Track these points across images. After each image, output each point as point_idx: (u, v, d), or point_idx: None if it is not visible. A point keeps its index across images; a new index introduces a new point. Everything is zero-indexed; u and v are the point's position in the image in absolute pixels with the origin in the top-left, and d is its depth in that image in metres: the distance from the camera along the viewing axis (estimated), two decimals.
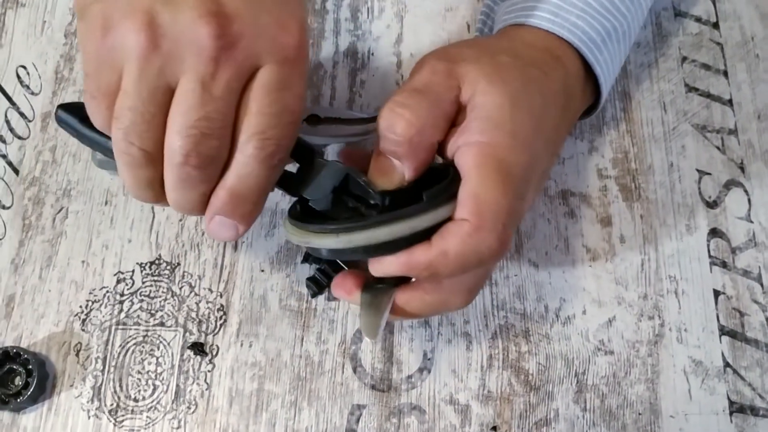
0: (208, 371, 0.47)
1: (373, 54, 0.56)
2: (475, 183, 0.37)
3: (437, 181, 0.39)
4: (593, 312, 0.48)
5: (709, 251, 0.50)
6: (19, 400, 0.45)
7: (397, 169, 0.39)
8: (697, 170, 0.52)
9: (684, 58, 0.56)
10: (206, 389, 0.46)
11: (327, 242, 0.37)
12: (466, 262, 0.37)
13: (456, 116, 0.40)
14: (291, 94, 0.35)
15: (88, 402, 0.46)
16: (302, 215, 0.40)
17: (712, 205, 0.51)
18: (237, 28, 0.33)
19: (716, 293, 0.49)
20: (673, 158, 0.52)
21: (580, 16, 0.45)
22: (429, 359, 0.47)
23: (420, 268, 0.37)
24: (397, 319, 0.45)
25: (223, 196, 0.35)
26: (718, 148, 0.53)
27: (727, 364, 0.47)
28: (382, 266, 0.38)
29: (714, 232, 0.50)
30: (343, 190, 0.40)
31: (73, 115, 0.38)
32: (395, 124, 0.38)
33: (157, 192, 0.36)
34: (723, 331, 0.48)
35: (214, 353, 0.47)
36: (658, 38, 0.56)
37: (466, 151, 0.38)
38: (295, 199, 0.41)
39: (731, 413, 0.46)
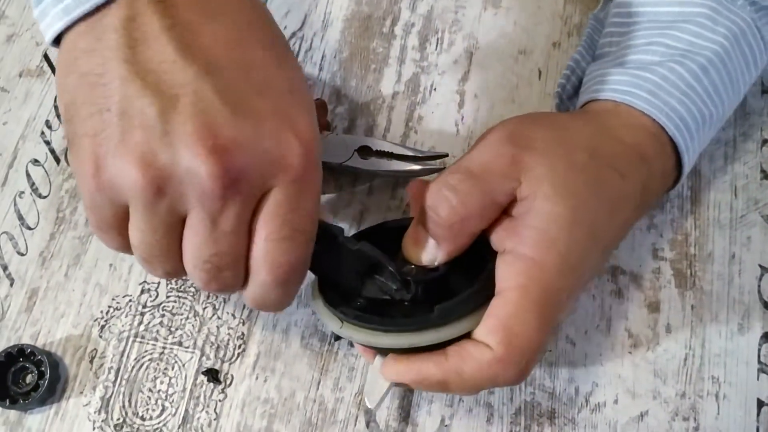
0: (219, 401, 0.46)
1: (435, 89, 0.54)
2: (512, 311, 0.35)
3: (473, 265, 0.37)
4: (626, 402, 0.46)
5: (759, 356, 0.47)
6: (28, 401, 0.44)
7: (431, 248, 0.37)
8: (760, 266, 0.49)
9: (765, 141, 0.52)
10: (214, 419, 0.45)
11: (331, 326, 0.38)
12: (479, 387, 0.37)
13: (509, 206, 0.37)
14: (301, 214, 0.33)
15: (95, 413, 0.45)
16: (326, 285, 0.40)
17: None
18: (239, 162, 0.30)
19: (760, 403, 0.46)
20: (736, 249, 0.49)
21: (680, 100, 0.41)
22: (446, 426, 0.45)
23: (430, 382, 0.37)
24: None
25: (248, 303, 0.35)
26: None
27: None
28: (392, 371, 0.38)
29: (767, 337, 0.47)
30: (372, 270, 0.38)
31: None
32: (440, 206, 0.37)
33: (179, 277, 0.36)
34: None
35: (228, 383, 0.46)
36: (740, 114, 0.53)
37: (511, 263, 0.36)
38: None
39: None
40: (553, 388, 0.46)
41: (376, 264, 0.37)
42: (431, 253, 0.37)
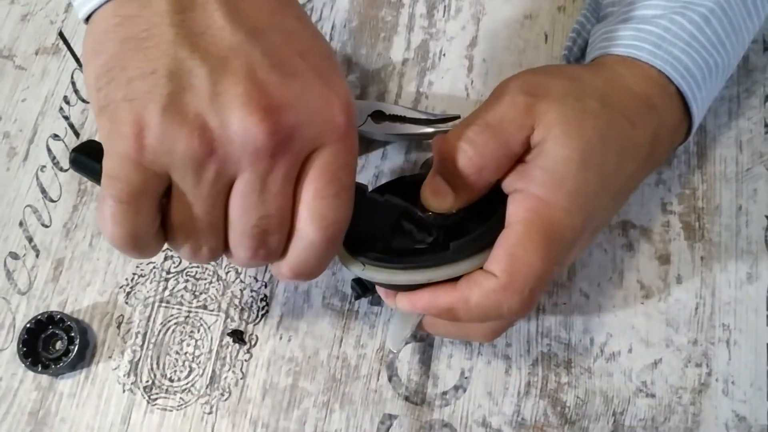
0: (245, 360, 0.47)
1: (444, 55, 0.55)
2: (516, 240, 0.36)
3: (489, 207, 0.39)
4: (639, 351, 0.47)
5: None
6: (59, 366, 0.46)
7: (449, 196, 0.38)
8: (767, 217, 0.50)
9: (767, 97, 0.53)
10: (241, 378, 0.46)
11: (354, 270, 0.39)
12: (485, 315, 0.37)
13: (523, 154, 0.39)
14: (347, 171, 0.34)
15: (124, 376, 0.47)
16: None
17: None
18: (290, 119, 0.31)
19: None
20: (743, 201, 0.50)
21: (684, 50, 0.42)
22: (466, 378, 0.47)
23: (440, 309, 0.38)
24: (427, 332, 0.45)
25: (287, 272, 0.35)
26: None
27: None
28: (405, 300, 0.40)
29: None
30: (397, 219, 0.39)
31: (92, 157, 0.35)
32: (458, 157, 0.38)
33: (217, 258, 0.36)
34: None
35: (253, 343, 0.47)
36: (743, 72, 0.54)
37: (520, 200, 0.37)
38: None
39: None
40: (568, 339, 0.47)
41: (403, 212, 0.39)
42: (449, 202, 0.38)
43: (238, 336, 0.47)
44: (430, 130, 0.50)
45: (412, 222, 0.40)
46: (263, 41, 0.32)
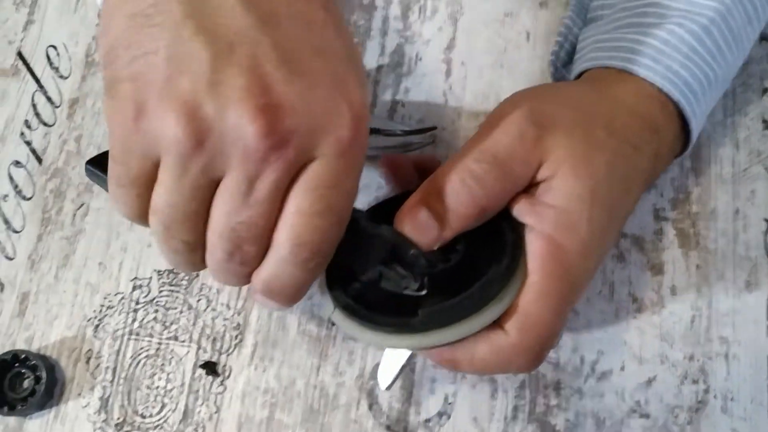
0: (219, 393, 0.45)
1: (421, 59, 0.52)
2: (531, 298, 0.35)
3: (491, 239, 0.36)
4: (633, 369, 0.45)
5: None
6: (25, 406, 0.44)
7: (435, 233, 0.35)
8: (766, 220, 0.47)
9: (766, 90, 0.50)
10: (215, 412, 0.45)
11: (326, 306, 0.37)
12: (489, 371, 0.36)
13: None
14: (339, 192, 0.30)
15: (95, 413, 0.45)
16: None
17: None
18: (289, 123, 0.28)
19: None
20: (740, 204, 0.48)
21: (683, 64, 0.40)
22: (450, 403, 0.44)
23: (441, 359, 0.37)
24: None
25: (259, 287, 0.33)
26: None
27: None
28: None
29: None
30: (388, 257, 0.37)
31: (105, 169, 0.34)
32: (461, 194, 0.35)
33: (197, 266, 0.33)
34: None
35: (227, 375, 0.45)
36: None
37: (532, 242, 0.35)
38: None
39: None
40: (557, 358, 0.45)
41: (392, 250, 0.36)
42: (435, 237, 0.36)
43: (211, 368, 0.45)
44: (406, 141, 0.47)
45: (402, 264, 0.37)
46: (276, 30, 0.29)
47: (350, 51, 0.32)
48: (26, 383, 0.45)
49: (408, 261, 0.36)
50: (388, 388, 0.41)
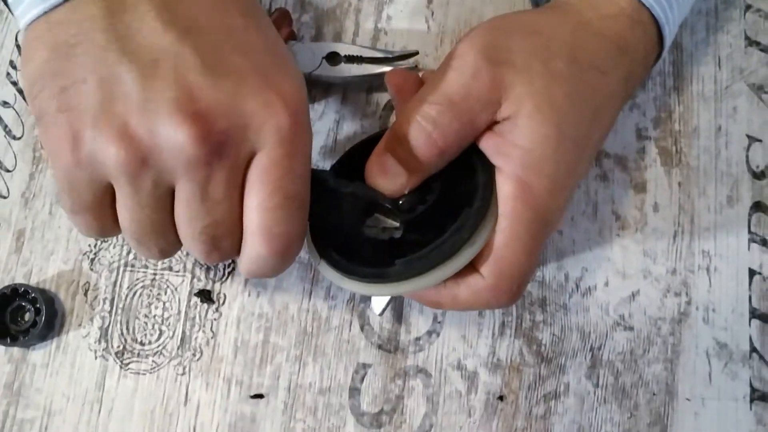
0: (215, 319, 0.46)
1: None
2: (502, 241, 0.35)
3: (464, 178, 0.37)
4: (616, 284, 0.46)
5: (749, 226, 0.46)
6: (27, 337, 0.45)
7: (400, 178, 0.36)
8: (748, 136, 0.48)
9: (748, 7, 0.50)
10: (212, 337, 0.46)
11: (313, 260, 0.39)
12: (472, 308, 0.38)
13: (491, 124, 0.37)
14: (291, 178, 0.31)
15: (95, 342, 0.46)
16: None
17: (759, 175, 0.47)
18: (221, 125, 0.29)
19: (752, 273, 0.46)
20: (722, 121, 0.48)
21: None
22: (439, 322, 0.46)
23: (427, 301, 0.39)
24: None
25: (245, 274, 0.34)
26: None
27: (753, 349, 0.44)
28: None
29: (757, 206, 0.47)
30: (366, 210, 0.38)
31: None
32: (418, 138, 0.36)
33: (174, 254, 0.35)
34: (754, 314, 0.45)
35: (221, 302, 0.47)
36: None
37: (501, 185, 0.36)
38: None
39: (752, 401, 0.44)
40: (542, 276, 0.46)
41: (369, 204, 0.37)
42: (400, 183, 0.36)
43: (205, 295, 0.47)
44: (388, 68, 0.47)
45: (381, 211, 0.38)
46: (197, 40, 0.30)
47: (274, 46, 0.33)
48: (27, 316, 0.46)
49: (386, 209, 0.37)
50: (381, 314, 0.42)
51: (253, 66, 0.31)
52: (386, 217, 0.38)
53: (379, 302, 0.42)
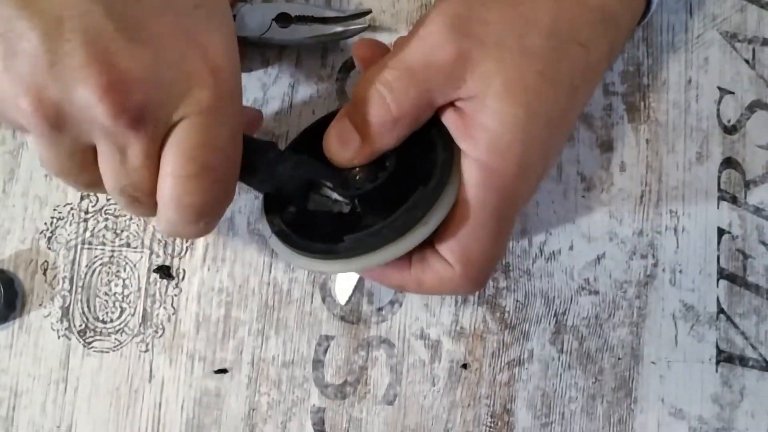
0: (175, 295, 0.46)
1: None
2: (469, 230, 0.34)
3: (423, 156, 0.35)
4: (581, 248, 0.45)
5: (719, 184, 0.45)
6: None
7: (354, 145, 0.34)
8: (719, 88, 0.46)
9: None
10: (173, 314, 0.46)
11: (264, 232, 0.37)
12: (437, 294, 0.38)
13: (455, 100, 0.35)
14: (210, 150, 0.30)
15: (57, 322, 0.46)
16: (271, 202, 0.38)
17: (730, 130, 0.45)
18: (138, 97, 0.27)
19: (720, 232, 0.44)
20: (693, 73, 0.46)
21: None
22: (401, 293, 0.45)
23: (390, 285, 0.38)
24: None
25: (159, 231, 0.34)
26: (747, 61, 0.46)
27: (721, 311, 0.44)
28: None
29: (728, 162, 0.45)
30: (311, 183, 0.36)
31: None
32: (373, 103, 0.34)
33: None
34: (722, 274, 0.44)
35: (181, 277, 0.46)
36: None
37: (467, 170, 0.34)
38: None
39: (718, 362, 0.43)
40: None
41: (316, 175, 0.35)
42: (351, 152, 0.35)
43: (164, 271, 0.46)
44: (340, 29, 0.45)
45: (330, 186, 0.37)
46: None
47: (199, 1, 0.30)
48: None
49: (337, 182, 0.36)
50: (346, 303, 0.42)
51: (175, 28, 0.29)
52: (333, 192, 0.37)
53: (342, 292, 0.41)
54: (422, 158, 0.36)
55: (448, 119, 0.35)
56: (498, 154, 0.33)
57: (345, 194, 0.37)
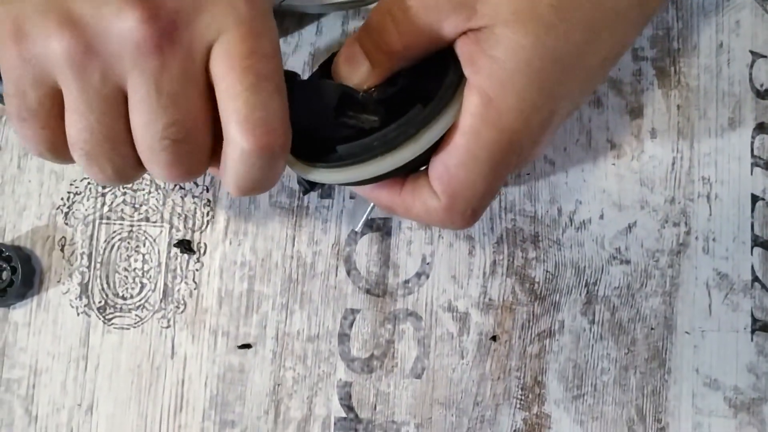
0: (196, 270, 0.45)
1: None
2: (459, 160, 0.32)
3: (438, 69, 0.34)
4: (612, 216, 0.44)
5: (752, 150, 0.44)
6: (5, 297, 0.44)
7: (363, 69, 0.33)
8: (751, 52, 0.45)
9: None
10: (195, 288, 0.45)
11: (297, 170, 0.35)
12: (425, 223, 0.38)
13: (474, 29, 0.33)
14: (259, 58, 0.28)
15: (76, 299, 0.45)
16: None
17: (763, 94, 0.44)
18: (171, 4, 0.27)
19: (754, 198, 0.43)
20: (724, 37, 0.45)
21: None
22: (428, 264, 0.44)
23: (381, 203, 0.36)
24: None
25: (231, 189, 0.31)
26: None
27: (755, 278, 0.43)
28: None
29: (761, 128, 0.44)
30: (338, 106, 0.35)
31: None
32: (382, 29, 0.32)
33: (137, 178, 0.32)
34: (756, 241, 0.43)
35: (202, 251, 0.45)
36: None
37: (466, 97, 0.32)
38: None
39: (753, 331, 0.42)
40: (534, 211, 0.44)
41: (342, 94, 0.34)
42: (363, 75, 0.33)
43: (185, 246, 0.45)
44: None
45: (355, 105, 0.35)
46: None
47: None
48: (4, 275, 0.45)
49: (358, 103, 0.35)
50: (360, 229, 0.41)
51: None
52: (359, 114, 0.36)
53: (356, 217, 0.40)
54: (434, 81, 0.35)
55: (460, 47, 0.33)
56: (498, 82, 0.32)
57: (371, 114, 0.35)
